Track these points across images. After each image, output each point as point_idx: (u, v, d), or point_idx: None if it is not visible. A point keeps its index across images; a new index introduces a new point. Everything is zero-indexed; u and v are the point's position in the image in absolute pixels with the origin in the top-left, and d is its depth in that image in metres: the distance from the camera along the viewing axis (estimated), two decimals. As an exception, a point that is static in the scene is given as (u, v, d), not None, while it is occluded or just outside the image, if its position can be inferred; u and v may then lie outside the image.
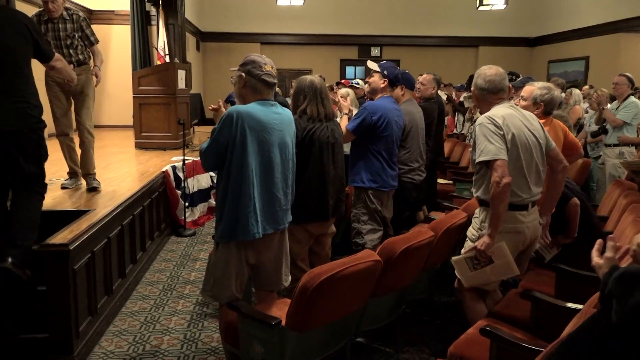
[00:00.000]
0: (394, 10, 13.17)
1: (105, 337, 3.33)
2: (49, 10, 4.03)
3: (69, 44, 4.17)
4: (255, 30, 12.87)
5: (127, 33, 9.47)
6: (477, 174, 2.84)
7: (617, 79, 5.56)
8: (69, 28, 4.16)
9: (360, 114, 3.66)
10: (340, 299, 2.38)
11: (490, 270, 2.76)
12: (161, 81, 6.95)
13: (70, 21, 4.16)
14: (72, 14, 4.19)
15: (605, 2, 10.54)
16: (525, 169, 2.72)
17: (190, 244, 5.27)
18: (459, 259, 2.86)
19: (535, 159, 2.77)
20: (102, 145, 7.41)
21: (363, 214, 3.70)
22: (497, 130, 2.64)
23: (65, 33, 4.14)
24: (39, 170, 2.99)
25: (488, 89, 2.80)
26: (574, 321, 1.80)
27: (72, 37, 4.16)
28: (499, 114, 2.70)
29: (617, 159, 5.37)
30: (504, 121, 2.67)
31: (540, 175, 2.82)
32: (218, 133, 2.44)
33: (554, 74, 12.04)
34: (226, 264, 2.53)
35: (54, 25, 4.12)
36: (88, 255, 3.17)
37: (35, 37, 2.98)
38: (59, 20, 4.11)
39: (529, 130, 2.76)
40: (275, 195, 2.57)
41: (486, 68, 2.86)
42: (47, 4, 4.01)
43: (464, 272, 2.84)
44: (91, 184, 4.28)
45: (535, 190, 2.79)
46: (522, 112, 2.84)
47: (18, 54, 2.88)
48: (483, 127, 2.67)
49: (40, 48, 3.06)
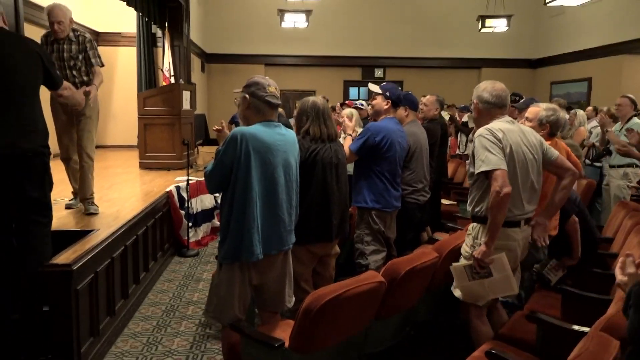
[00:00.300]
0: (397, 31, 13.31)
1: (107, 358, 3.30)
2: (55, 31, 4.06)
3: (72, 65, 4.17)
4: (260, 51, 13.01)
5: (133, 55, 9.61)
6: (473, 186, 2.83)
7: (620, 101, 5.57)
8: (74, 49, 4.16)
9: (363, 134, 3.67)
10: (344, 321, 2.36)
11: (488, 285, 2.72)
12: (166, 102, 7.01)
13: (75, 42, 4.16)
14: (79, 36, 4.19)
15: (607, 24, 10.62)
16: (520, 185, 2.72)
17: (194, 265, 5.25)
18: (458, 266, 2.83)
19: (531, 176, 2.77)
20: (106, 166, 7.45)
21: (366, 234, 3.69)
22: (497, 142, 2.64)
23: (69, 54, 4.15)
24: (43, 198, 2.91)
25: (495, 104, 2.81)
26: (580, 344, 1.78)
27: (75, 59, 4.16)
28: (497, 127, 2.71)
29: (621, 180, 5.36)
30: (504, 135, 2.68)
31: (534, 192, 2.81)
32: (222, 155, 2.45)
33: (556, 95, 12.09)
34: (229, 285, 2.52)
35: (59, 46, 4.13)
36: (91, 275, 3.16)
37: (46, 65, 3.02)
38: (65, 41, 4.13)
39: (525, 147, 2.76)
40: (279, 217, 2.57)
41: (490, 83, 2.87)
42: (53, 24, 4.03)
43: (461, 280, 2.81)
44: (89, 210, 4.15)
45: (528, 208, 2.78)
46: (520, 127, 2.85)
47: (28, 80, 2.90)
48: (483, 139, 2.67)
49: (51, 76, 3.09)
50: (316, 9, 11.15)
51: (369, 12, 13.21)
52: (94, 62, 4.26)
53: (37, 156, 2.86)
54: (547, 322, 2.51)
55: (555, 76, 12.77)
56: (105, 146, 9.98)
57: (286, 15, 10.42)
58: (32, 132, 2.85)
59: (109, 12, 9.58)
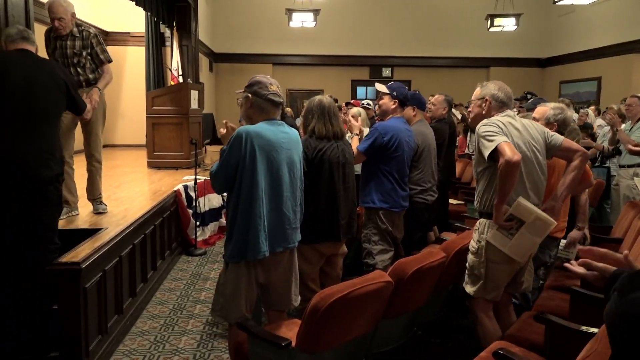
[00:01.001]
0: (405, 31, 13.28)
1: (115, 356, 3.32)
2: (56, 28, 3.88)
3: (76, 62, 3.97)
4: (268, 51, 13.02)
5: (141, 54, 9.65)
6: (479, 182, 2.84)
7: (630, 101, 5.54)
8: (77, 45, 3.95)
9: (371, 134, 3.66)
10: (351, 321, 2.36)
11: (527, 230, 2.66)
12: (174, 101, 7.04)
13: (79, 38, 3.96)
14: (83, 31, 3.98)
15: (617, 22, 10.54)
16: (524, 177, 2.72)
17: (201, 263, 5.27)
18: (492, 233, 2.76)
19: (534, 168, 2.76)
20: (114, 165, 7.49)
21: (374, 234, 3.69)
22: (499, 129, 2.67)
23: (73, 51, 3.95)
24: (53, 223, 2.95)
25: (506, 103, 2.89)
26: (589, 345, 1.76)
27: (79, 55, 3.96)
28: (498, 119, 2.76)
29: (631, 180, 5.32)
30: (505, 127, 2.71)
31: (538, 186, 2.80)
32: (227, 154, 2.46)
33: (565, 94, 12.02)
34: (236, 284, 2.53)
35: (62, 42, 3.94)
36: (99, 274, 3.18)
37: (71, 92, 3.05)
38: (68, 37, 3.93)
39: (527, 140, 2.76)
40: (284, 214, 2.57)
41: (499, 83, 2.93)
42: (54, 21, 3.86)
43: (505, 244, 2.72)
44: (97, 209, 4.13)
45: (534, 199, 2.76)
46: (521, 121, 2.85)
47: (52, 106, 2.94)
48: (485, 128, 2.70)
49: (75, 102, 3.12)
50: (324, 9, 11.15)
51: (377, 12, 13.19)
52: (103, 59, 4.07)
53: (52, 183, 2.88)
54: (556, 322, 2.49)
55: (564, 75, 12.69)
56: (113, 145, 10.06)
57: (294, 15, 10.42)
58: (51, 160, 2.87)
59: (118, 12, 9.64)
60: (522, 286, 2.96)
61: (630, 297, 1.03)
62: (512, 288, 2.98)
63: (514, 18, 10.64)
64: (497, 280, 2.82)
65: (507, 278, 2.86)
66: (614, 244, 3.90)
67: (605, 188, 5.74)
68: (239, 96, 2.64)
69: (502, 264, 2.78)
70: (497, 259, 2.77)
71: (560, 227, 3.41)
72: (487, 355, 2.36)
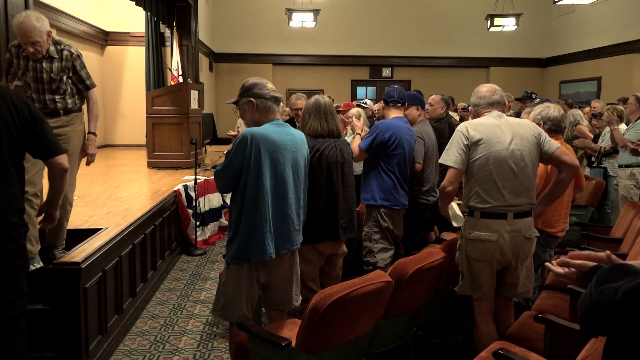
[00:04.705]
0: (405, 31, 13.27)
1: (115, 356, 3.32)
2: (32, 54, 3.13)
3: (54, 89, 3.26)
4: (268, 51, 13.02)
5: (141, 54, 9.66)
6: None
7: (629, 100, 5.55)
8: (55, 68, 3.23)
9: (372, 132, 3.70)
10: (351, 320, 2.36)
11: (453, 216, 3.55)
12: (174, 101, 7.04)
13: (58, 59, 3.23)
14: (62, 50, 3.25)
15: (617, 22, 10.54)
16: (495, 176, 2.73)
17: (201, 263, 5.27)
18: None
19: (512, 168, 2.74)
20: (114, 165, 7.51)
21: (375, 232, 3.69)
22: (464, 140, 2.78)
23: (50, 75, 3.22)
24: (18, 289, 2.38)
25: (480, 105, 2.97)
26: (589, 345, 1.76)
27: (58, 81, 3.25)
28: (475, 122, 2.85)
29: (628, 180, 5.31)
30: (476, 128, 2.78)
31: (520, 185, 2.77)
32: (232, 156, 2.46)
33: (565, 94, 12.02)
34: (237, 284, 2.53)
35: (36, 64, 3.20)
36: (99, 274, 3.18)
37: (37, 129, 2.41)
38: (44, 58, 3.20)
39: (510, 140, 2.75)
40: (288, 216, 2.57)
41: (480, 87, 3.01)
42: (27, 45, 3.09)
43: None
44: (58, 257, 3.21)
45: (512, 200, 2.74)
46: (508, 121, 2.85)
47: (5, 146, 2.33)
48: (457, 134, 2.85)
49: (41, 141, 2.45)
50: (324, 9, 11.14)
51: (377, 12, 13.18)
52: (89, 84, 3.41)
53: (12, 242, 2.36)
54: (555, 322, 2.49)
55: (564, 75, 12.68)
56: (113, 145, 10.07)
57: (294, 15, 10.41)
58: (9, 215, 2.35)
59: (118, 12, 9.63)
60: (517, 288, 2.92)
61: (603, 288, 1.06)
62: (506, 291, 2.94)
63: (513, 18, 10.63)
64: (478, 278, 2.83)
65: (490, 277, 2.84)
66: (613, 243, 3.90)
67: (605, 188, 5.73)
68: (231, 106, 2.68)
69: (480, 262, 2.80)
70: (475, 256, 2.81)
71: (561, 227, 3.41)
72: (487, 355, 2.36)
